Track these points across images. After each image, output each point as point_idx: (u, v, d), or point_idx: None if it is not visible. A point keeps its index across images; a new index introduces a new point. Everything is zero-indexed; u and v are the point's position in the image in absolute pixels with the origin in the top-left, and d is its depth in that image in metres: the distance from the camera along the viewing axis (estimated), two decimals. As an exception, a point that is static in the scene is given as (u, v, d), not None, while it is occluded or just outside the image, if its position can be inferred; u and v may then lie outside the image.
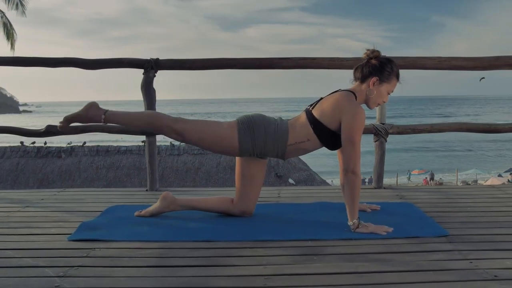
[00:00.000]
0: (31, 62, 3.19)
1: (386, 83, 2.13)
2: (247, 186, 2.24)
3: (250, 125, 2.12)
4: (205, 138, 2.13)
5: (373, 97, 2.14)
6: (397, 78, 2.16)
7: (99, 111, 2.16)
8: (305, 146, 2.15)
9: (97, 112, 2.15)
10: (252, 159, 2.20)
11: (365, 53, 2.16)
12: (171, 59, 3.05)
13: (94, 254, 1.79)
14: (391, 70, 2.12)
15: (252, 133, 2.11)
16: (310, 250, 1.82)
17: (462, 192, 2.97)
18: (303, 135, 2.13)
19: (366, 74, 2.13)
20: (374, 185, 3.06)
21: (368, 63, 2.14)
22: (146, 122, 2.23)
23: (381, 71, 2.11)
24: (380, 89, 2.13)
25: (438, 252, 1.78)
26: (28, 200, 2.78)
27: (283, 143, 2.12)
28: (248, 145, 2.12)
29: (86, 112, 2.16)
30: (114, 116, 2.17)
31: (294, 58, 2.99)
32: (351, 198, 2.03)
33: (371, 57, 2.14)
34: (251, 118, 2.16)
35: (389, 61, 2.15)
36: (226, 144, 2.13)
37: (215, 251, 1.82)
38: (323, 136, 2.12)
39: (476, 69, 2.90)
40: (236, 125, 2.13)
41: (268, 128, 2.12)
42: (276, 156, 2.16)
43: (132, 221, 2.22)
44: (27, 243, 1.94)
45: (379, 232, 1.99)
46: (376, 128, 2.97)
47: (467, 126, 3.00)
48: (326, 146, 2.17)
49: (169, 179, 11.31)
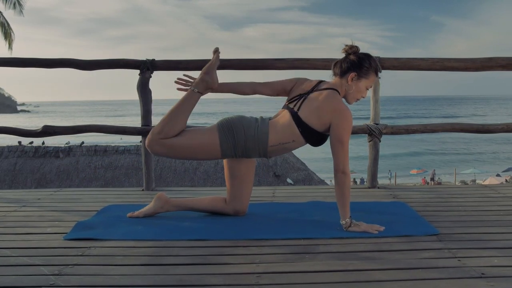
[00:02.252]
0: (28, 62, 3.21)
1: (364, 78, 2.15)
2: (237, 186, 2.26)
3: (230, 128, 2.14)
4: (189, 144, 2.15)
5: (352, 93, 2.16)
6: (376, 73, 2.19)
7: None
8: (289, 146, 2.18)
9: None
10: (238, 159, 2.22)
11: (343, 48, 2.18)
12: (167, 60, 3.09)
13: (89, 252, 1.82)
14: (369, 66, 2.14)
15: (232, 136, 2.13)
16: (303, 248, 1.85)
17: (455, 191, 3.00)
18: (287, 136, 2.14)
19: (344, 70, 2.15)
20: (368, 185, 3.09)
21: (347, 58, 2.16)
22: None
23: (359, 66, 2.13)
24: (358, 84, 2.15)
25: (428, 251, 1.81)
26: (24, 200, 2.80)
27: (264, 144, 2.14)
28: (230, 148, 2.14)
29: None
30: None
31: (288, 59, 3.02)
32: (342, 197, 2.06)
33: (349, 53, 2.16)
34: (231, 121, 2.17)
35: (367, 57, 2.16)
36: (208, 150, 2.15)
37: (209, 249, 1.85)
38: (309, 137, 2.14)
39: (469, 70, 2.94)
40: (216, 129, 2.15)
41: (248, 130, 2.14)
42: (259, 156, 2.19)
43: (127, 220, 2.25)
44: (24, 242, 1.96)
45: (370, 231, 2.02)
46: (370, 128, 3.00)
47: (460, 127, 3.03)
48: (311, 144, 2.21)
49: (167, 179, 11.32)
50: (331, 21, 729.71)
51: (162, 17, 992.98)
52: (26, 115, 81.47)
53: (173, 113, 2.17)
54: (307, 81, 2.24)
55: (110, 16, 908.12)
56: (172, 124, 2.15)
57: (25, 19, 15.02)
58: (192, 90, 2.20)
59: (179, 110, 2.17)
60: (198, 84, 2.22)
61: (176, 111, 2.17)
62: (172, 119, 2.16)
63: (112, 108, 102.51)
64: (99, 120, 58.91)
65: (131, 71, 3.11)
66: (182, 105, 2.18)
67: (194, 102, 2.22)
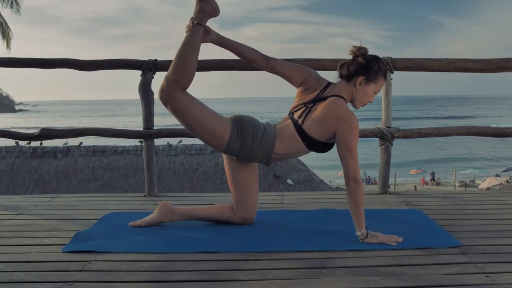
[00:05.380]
0: (26, 63, 3.09)
1: (373, 82, 2.03)
2: (241, 192, 2.15)
3: (242, 127, 2.03)
4: (202, 120, 1.98)
5: (359, 98, 2.04)
6: (385, 77, 2.07)
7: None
8: (293, 156, 2.12)
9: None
10: (239, 163, 2.12)
11: (351, 50, 2.05)
12: (170, 61, 2.94)
13: (90, 267, 1.70)
14: (378, 69, 2.02)
15: (242, 135, 2.02)
16: (318, 262, 1.73)
17: (471, 198, 2.89)
18: (293, 148, 2.06)
19: (352, 73, 2.03)
20: (379, 190, 2.98)
21: (355, 61, 2.04)
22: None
23: (368, 69, 2.01)
24: (366, 89, 2.03)
25: (452, 265, 1.69)
26: (21, 206, 2.68)
27: (270, 150, 2.04)
28: (236, 146, 2.02)
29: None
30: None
31: (297, 60, 2.90)
32: (356, 207, 1.95)
33: (357, 55, 2.04)
34: (243, 120, 2.05)
35: (376, 59, 2.04)
36: (215, 137, 2.00)
37: (217, 263, 1.73)
38: (315, 148, 2.06)
39: (485, 71, 2.82)
40: (230, 122, 2.03)
41: (257, 133, 2.03)
42: (260, 161, 2.08)
43: (129, 230, 2.13)
44: (19, 255, 1.84)
45: (388, 243, 1.91)
46: (381, 131, 2.89)
47: (476, 130, 2.92)
48: (316, 152, 2.11)
49: (166, 180, 11.20)
50: (330, 20, 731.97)
51: (160, 16, 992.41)
52: (24, 114, 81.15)
53: (181, 56, 1.96)
54: (315, 83, 2.09)
55: (108, 15, 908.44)
56: (184, 68, 1.95)
57: (22, 18, 14.86)
58: (192, 24, 1.98)
59: (186, 51, 1.96)
60: (197, 15, 1.98)
61: (183, 53, 1.96)
62: (183, 62, 1.95)
63: (112, 107, 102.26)
64: (100, 120, 58.52)
65: (132, 70, 2.99)
66: (187, 44, 1.97)
67: (199, 38, 1.98)
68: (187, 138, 3.74)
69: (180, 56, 1.97)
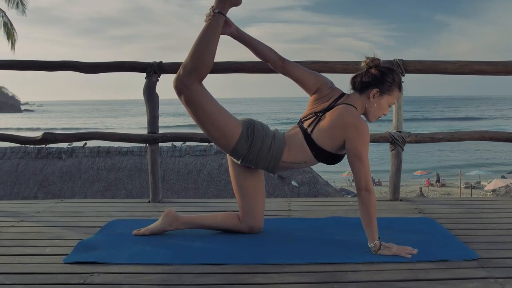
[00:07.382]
0: (29, 65, 3.03)
1: (387, 94, 1.96)
2: (247, 200, 2.09)
3: (252, 130, 1.96)
4: (214, 116, 1.90)
5: (373, 110, 1.97)
6: (399, 89, 2.00)
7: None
8: (299, 166, 2.05)
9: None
10: (245, 171, 2.06)
11: (364, 61, 1.99)
12: (175, 63, 2.88)
13: (92, 280, 1.63)
14: (392, 81, 1.95)
15: (251, 138, 1.95)
16: (330, 276, 1.66)
17: (485, 205, 2.80)
18: (300, 157, 1.99)
19: (365, 85, 1.96)
20: (390, 197, 2.90)
21: (368, 72, 1.97)
22: None
23: (381, 81, 1.94)
24: (380, 101, 1.97)
25: (471, 280, 1.61)
26: (23, 213, 2.62)
27: (278, 157, 1.97)
28: (244, 149, 1.95)
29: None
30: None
31: (306, 62, 2.82)
32: (368, 217, 1.87)
33: (371, 66, 1.97)
34: (254, 124, 1.99)
35: (390, 71, 1.97)
36: (225, 136, 1.93)
37: (224, 277, 1.66)
38: (323, 159, 1.99)
39: (500, 74, 2.74)
40: (240, 125, 1.96)
41: (266, 139, 1.97)
42: (266, 168, 2.01)
43: (133, 239, 2.06)
44: (20, 266, 1.78)
45: (403, 255, 1.83)
46: (392, 136, 2.81)
47: (490, 135, 2.83)
48: (324, 163, 2.03)
49: (170, 181, 11.15)
50: (334, 20, 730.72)
51: (165, 17, 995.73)
52: (29, 114, 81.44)
53: (200, 45, 1.88)
54: (329, 92, 2.03)
55: (113, 15, 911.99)
56: (203, 58, 1.87)
57: (27, 18, 14.87)
58: (213, 13, 1.89)
59: (205, 40, 1.88)
60: (218, 3, 1.89)
61: (202, 42, 1.87)
62: (202, 51, 1.87)
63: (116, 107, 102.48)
64: (105, 120, 58.51)
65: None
66: (207, 33, 1.88)
67: (219, 28, 1.90)
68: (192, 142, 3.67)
69: (199, 45, 1.88)
